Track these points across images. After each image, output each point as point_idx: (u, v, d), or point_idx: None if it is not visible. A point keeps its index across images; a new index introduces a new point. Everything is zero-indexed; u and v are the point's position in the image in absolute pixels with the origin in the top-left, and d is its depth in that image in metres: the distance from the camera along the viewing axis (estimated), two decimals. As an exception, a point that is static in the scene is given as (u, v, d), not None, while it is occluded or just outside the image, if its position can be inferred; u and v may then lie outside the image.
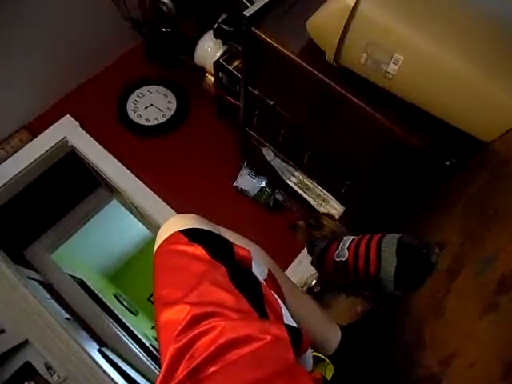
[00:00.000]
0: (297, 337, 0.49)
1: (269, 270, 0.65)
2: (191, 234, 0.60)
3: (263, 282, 0.58)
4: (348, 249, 0.85)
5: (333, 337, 0.74)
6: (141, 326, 3.28)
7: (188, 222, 0.63)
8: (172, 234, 0.60)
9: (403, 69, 0.79)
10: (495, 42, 0.75)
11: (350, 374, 0.73)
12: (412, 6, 0.78)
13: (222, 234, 0.65)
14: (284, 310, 0.57)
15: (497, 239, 0.56)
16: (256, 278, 0.58)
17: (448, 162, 0.85)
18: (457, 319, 0.57)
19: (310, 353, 0.56)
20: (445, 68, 0.76)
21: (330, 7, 0.84)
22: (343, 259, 0.85)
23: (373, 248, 0.79)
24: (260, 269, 0.62)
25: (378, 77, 0.85)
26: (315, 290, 1.30)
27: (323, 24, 0.87)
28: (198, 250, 0.57)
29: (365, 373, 0.74)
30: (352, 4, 0.77)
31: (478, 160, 0.83)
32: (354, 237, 0.89)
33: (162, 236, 0.62)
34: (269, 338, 0.46)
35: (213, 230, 0.64)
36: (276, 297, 0.57)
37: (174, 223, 0.64)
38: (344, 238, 0.91)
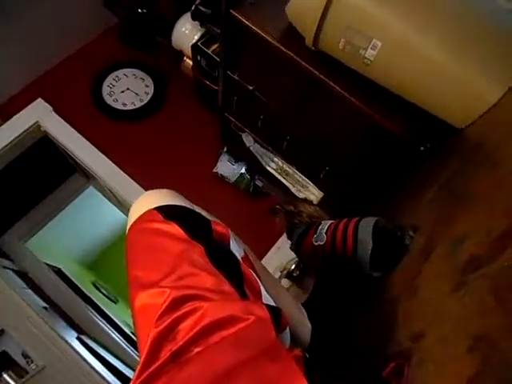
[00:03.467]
0: (277, 315, 0.50)
1: (244, 249, 0.65)
2: (166, 211, 0.58)
3: (241, 260, 0.58)
4: (326, 233, 0.87)
5: (305, 330, 0.74)
6: (121, 313, 3.26)
7: (163, 197, 0.61)
8: (146, 212, 0.58)
9: (381, 55, 0.80)
10: (472, 30, 0.77)
11: (325, 354, 0.76)
12: (390, -8, 0.78)
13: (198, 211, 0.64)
14: (262, 288, 0.58)
15: (466, 221, 0.58)
16: (234, 256, 0.58)
17: (423, 148, 0.87)
18: (428, 298, 0.60)
19: (288, 330, 0.57)
20: (421, 54, 0.77)
21: (309, -9, 0.83)
22: (321, 243, 0.87)
23: (350, 231, 0.81)
24: (237, 246, 0.62)
25: (356, 62, 0.85)
26: (294, 274, 1.33)
27: (302, 8, 0.86)
28: (174, 228, 0.55)
29: (339, 350, 0.76)
30: (331, -12, 0.77)
31: (452, 146, 0.86)
32: (332, 221, 0.91)
33: (135, 213, 0.60)
34: (252, 318, 0.46)
35: (189, 206, 0.63)
36: (254, 275, 0.58)
37: (147, 199, 0.61)
38: (322, 222, 0.92)
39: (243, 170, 1.72)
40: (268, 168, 1.50)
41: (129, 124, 1.88)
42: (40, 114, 1.78)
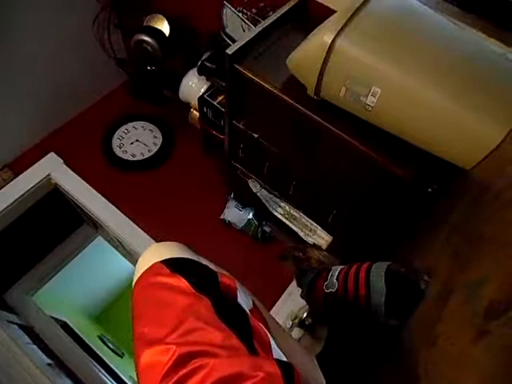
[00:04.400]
0: (288, 372, 0.47)
1: (252, 300, 0.63)
2: (173, 264, 0.57)
3: (249, 313, 0.57)
4: (337, 279, 0.85)
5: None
6: (127, 368, 3.12)
7: (170, 250, 0.61)
8: (153, 265, 0.58)
9: (381, 101, 0.82)
10: (468, 73, 0.79)
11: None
12: (386, 42, 0.82)
13: (204, 263, 0.64)
14: (272, 342, 0.55)
15: (482, 265, 0.56)
16: (242, 309, 0.56)
17: (430, 189, 0.87)
18: (449, 348, 0.56)
19: None
20: (420, 99, 0.79)
21: (309, 44, 0.87)
22: (333, 290, 0.84)
23: (361, 277, 0.79)
24: (245, 298, 0.60)
25: (358, 109, 0.87)
26: (307, 323, 1.28)
27: (303, 60, 0.91)
28: (181, 282, 0.54)
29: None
30: (329, 41, 0.81)
31: (460, 187, 0.85)
32: (342, 266, 0.89)
33: (141, 267, 0.59)
34: (261, 375, 0.43)
35: (195, 259, 0.62)
36: (263, 328, 0.56)
37: (154, 252, 0.61)
38: (332, 268, 0.90)
39: (250, 216, 1.72)
40: (275, 213, 1.50)
41: (138, 174, 1.91)
42: (51, 167, 1.83)
